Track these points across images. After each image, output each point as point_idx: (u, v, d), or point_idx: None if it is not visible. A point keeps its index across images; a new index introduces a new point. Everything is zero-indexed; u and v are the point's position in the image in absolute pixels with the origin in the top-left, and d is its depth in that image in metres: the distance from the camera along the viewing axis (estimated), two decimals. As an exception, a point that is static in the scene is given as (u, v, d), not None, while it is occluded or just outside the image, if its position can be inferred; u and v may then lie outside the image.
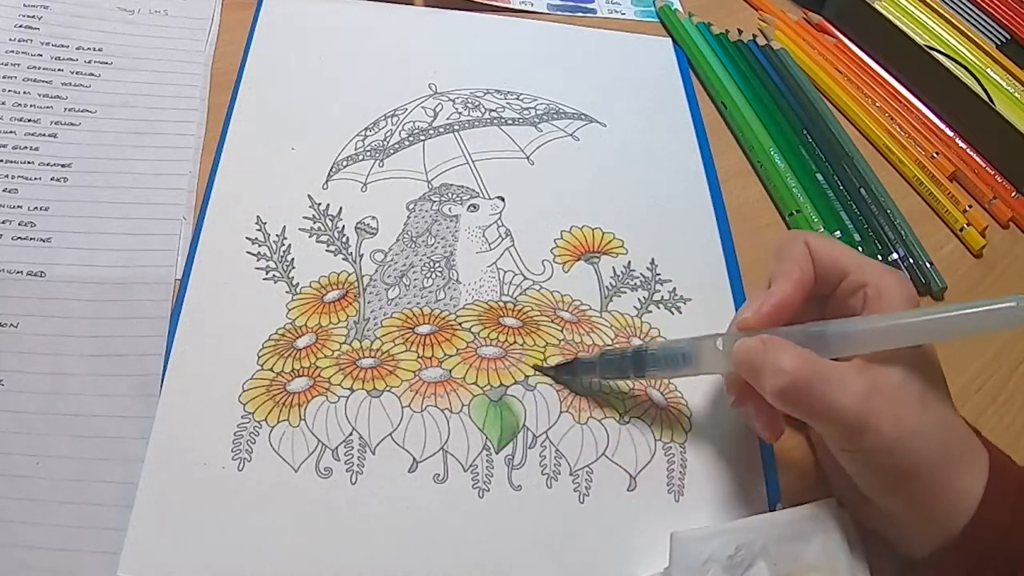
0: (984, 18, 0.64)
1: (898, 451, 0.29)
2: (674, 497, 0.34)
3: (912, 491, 0.30)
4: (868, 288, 0.32)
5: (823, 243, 0.33)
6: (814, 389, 0.29)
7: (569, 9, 0.58)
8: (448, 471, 0.33)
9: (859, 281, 0.32)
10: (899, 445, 0.29)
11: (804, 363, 0.29)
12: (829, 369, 0.30)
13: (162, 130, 0.43)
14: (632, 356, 0.35)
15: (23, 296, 0.35)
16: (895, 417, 0.29)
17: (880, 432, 0.29)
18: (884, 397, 0.29)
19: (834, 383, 0.29)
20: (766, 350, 0.30)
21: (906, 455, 0.29)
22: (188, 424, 0.33)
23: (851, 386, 0.29)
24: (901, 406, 0.29)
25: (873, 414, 0.29)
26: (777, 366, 0.29)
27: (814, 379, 0.29)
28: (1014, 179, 0.52)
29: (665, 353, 0.34)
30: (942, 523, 0.30)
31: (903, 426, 0.29)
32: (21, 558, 0.29)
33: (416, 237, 0.41)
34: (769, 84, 0.54)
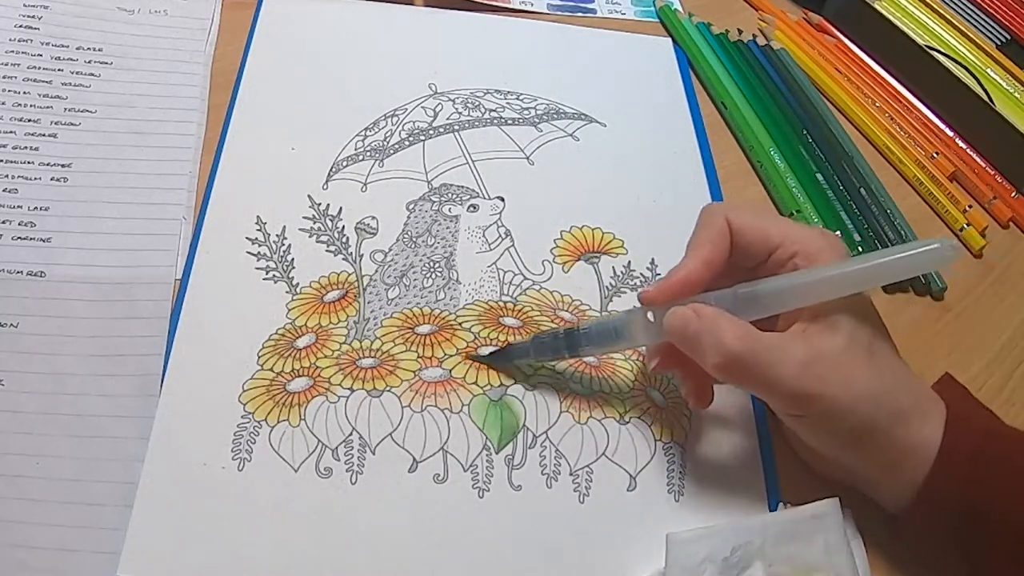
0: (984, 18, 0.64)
1: (846, 414, 0.29)
2: (674, 497, 0.34)
3: (868, 450, 0.31)
4: (798, 257, 0.32)
5: (746, 216, 0.33)
6: (756, 363, 0.29)
7: (569, 9, 0.58)
8: (448, 471, 0.33)
9: (789, 251, 0.32)
10: (846, 408, 0.29)
11: (744, 337, 0.30)
12: (769, 342, 0.30)
13: (162, 130, 0.43)
14: (564, 336, 0.34)
15: (23, 296, 0.35)
16: (844, 382, 0.29)
17: (826, 398, 0.29)
18: (829, 363, 0.29)
19: (775, 353, 0.29)
20: (702, 322, 0.30)
21: (856, 416, 0.30)
22: (188, 424, 0.33)
23: (792, 356, 0.29)
24: (849, 370, 0.30)
25: (817, 381, 0.29)
26: (718, 341, 0.29)
27: (755, 353, 0.29)
28: (1014, 179, 0.52)
29: (597, 329, 0.34)
30: (906, 475, 0.31)
31: (851, 389, 0.29)
32: (21, 558, 0.29)
33: (416, 237, 0.41)
34: (769, 84, 0.54)
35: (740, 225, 0.33)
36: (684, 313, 0.31)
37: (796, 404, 0.30)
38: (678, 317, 0.31)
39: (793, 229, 0.33)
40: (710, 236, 0.33)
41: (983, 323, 0.44)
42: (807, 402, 0.30)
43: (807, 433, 0.32)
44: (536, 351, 0.36)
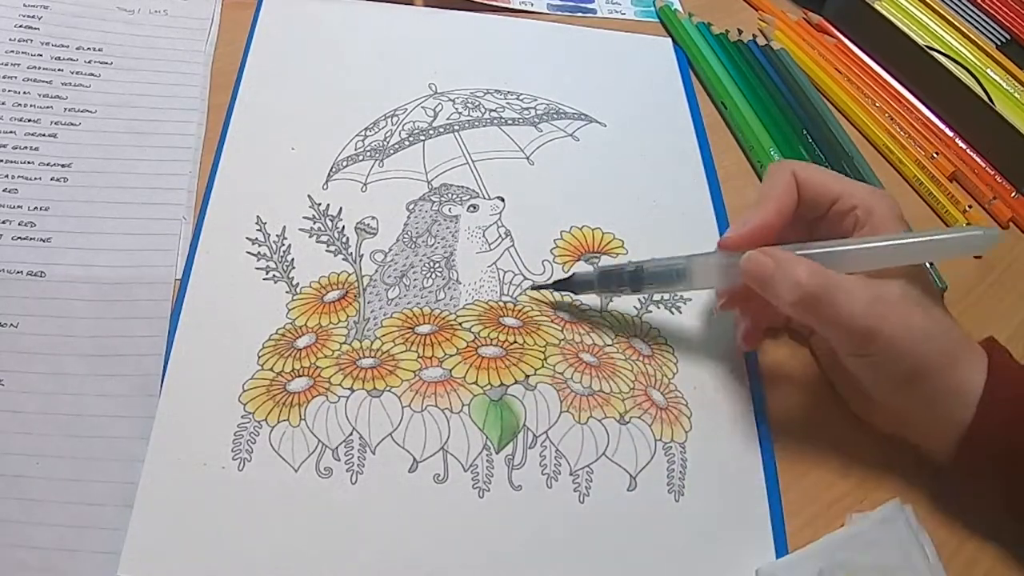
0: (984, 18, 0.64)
1: (905, 353, 0.32)
2: (674, 497, 0.34)
3: (920, 390, 0.33)
4: (858, 210, 0.35)
5: (811, 170, 0.36)
6: (827, 299, 0.32)
7: (569, 9, 0.58)
8: (448, 471, 0.33)
9: (849, 204, 0.35)
10: (905, 348, 0.32)
11: (817, 275, 0.32)
12: (840, 280, 0.32)
13: (162, 130, 0.43)
14: (630, 272, 0.37)
15: (23, 296, 0.35)
16: (902, 322, 0.32)
17: (887, 337, 0.32)
18: (889, 305, 0.32)
19: (845, 292, 0.32)
20: (777, 263, 0.33)
21: (912, 357, 0.32)
22: (188, 424, 0.33)
23: (860, 295, 0.32)
24: (905, 312, 0.32)
25: (880, 320, 0.32)
26: (793, 278, 0.32)
27: (827, 289, 0.32)
28: (1014, 179, 0.52)
29: (662, 269, 0.36)
30: (952, 419, 0.33)
31: (909, 329, 0.32)
32: (21, 558, 0.29)
33: (416, 237, 0.41)
34: (769, 84, 0.54)
35: (805, 178, 0.36)
36: (759, 256, 0.33)
37: (861, 340, 0.32)
38: (754, 260, 0.33)
39: (852, 184, 0.36)
40: (780, 187, 0.35)
41: (983, 323, 0.44)
42: (871, 338, 0.32)
43: (866, 373, 0.34)
44: (600, 283, 0.38)
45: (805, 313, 0.33)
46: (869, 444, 0.38)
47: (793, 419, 0.38)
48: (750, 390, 0.38)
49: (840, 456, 0.37)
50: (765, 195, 0.35)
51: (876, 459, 0.37)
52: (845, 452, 0.37)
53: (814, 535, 0.34)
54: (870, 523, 0.33)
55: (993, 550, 0.35)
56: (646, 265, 0.37)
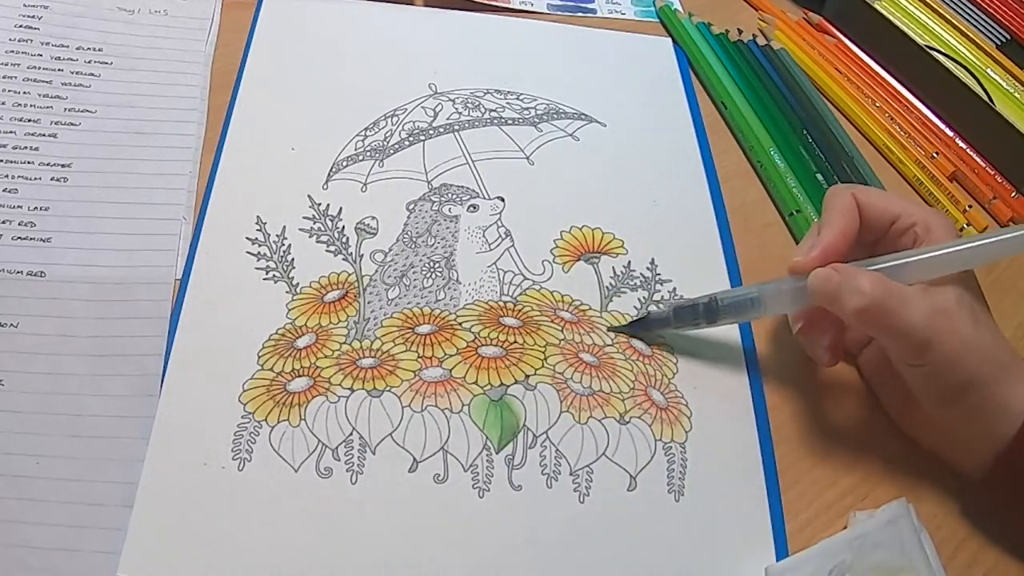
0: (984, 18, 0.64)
1: (958, 364, 0.33)
2: (674, 497, 0.34)
3: (970, 402, 0.33)
4: (917, 227, 0.36)
5: (870, 193, 0.37)
6: (890, 308, 0.33)
7: (569, 9, 0.58)
8: (448, 471, 0.33)
9: (908, 223, 0.36)
10: (959, 358, 0.33)
11: (880, 284, 0.33)
12: (902, 290, 0.33)
13: (162, 130, 0.43)
14: (704, 307, 0.38)
15: (23, 296, 0.35)
16: (956, 333, 0.33)
17: (943, 347, 0.32)
18: (946, 316, 0.33)
19: (906, 302, 0.33)
20: (842, 276, 0.34)
21: (965, 368, 0.33)
22: (188, 424, 0.33)
23: (919, 305, 0.33)
24: (960, 324, 0.33)
25: (938, 330, 0.32)
26: (856, 288, 0.33)
27: (889, 299, 0.33)
28: (1014, 179, 0.52)
29: (736, 300, 0.37)
30: (996, 431, 0.33)
31: (963, 341, 0.33)
32: (21, 558, 0.29)
33: (416, 237, 0.41)
34: (769, 84, 0.54)
35: (866, 201, 0.36)
36: (825, 271, 0.34)
37: (919, 350, 0.33)
38: (821, 275, 0.34)
39: (910, 204, 0.37)
40: (842, 210, 0.36)
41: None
42: (928, 348, 0.33)
43: (920, 383, 0.34)
44: (677, 319, 0.38)
45: (868, 323, 0.33)
46: (869, 444, 0.38)
47: (793, 419, 0.38)
48: (750, 390, 0.38)
49: (840, 456, 0.37)
50: (828, 219, 0.36)
51: (876, 459, 0.37)
52: (845, 452, 0.37)
53: (814, 535, 0.34)
54: (877, 523, 0.33)
55: (994, 550, 0.35)
56: (720, 297, 0.37)
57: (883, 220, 0.36)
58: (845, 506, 0.36)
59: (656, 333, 0.39)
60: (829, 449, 0.37)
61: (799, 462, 0.37)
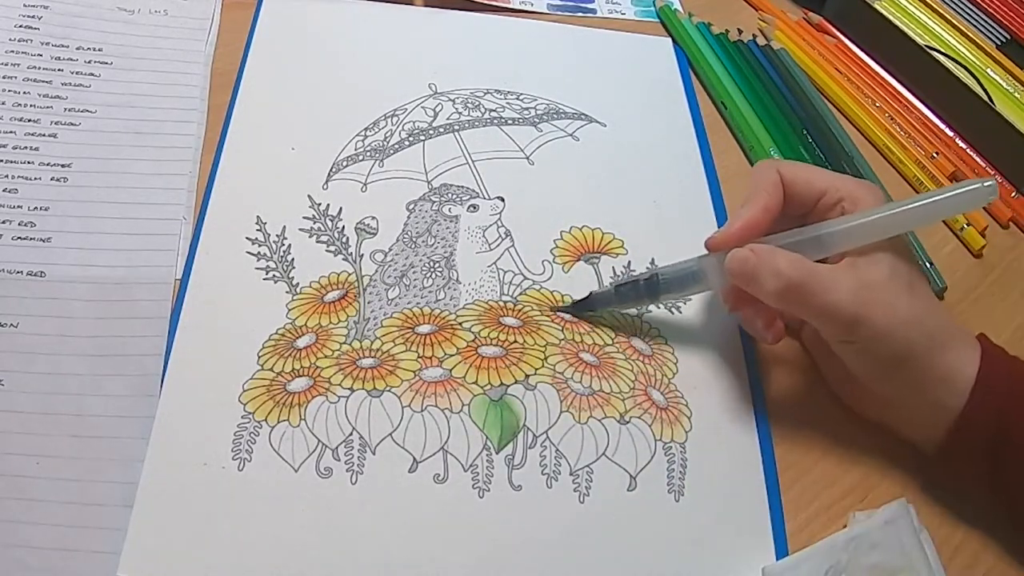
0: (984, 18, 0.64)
1: (892, 338, 0.32)
2: (674, 497, 0.34)
3: (908, 375, 0.33)
4: (844, 201, 0.35)
5: (795, 168, 0.36)
6: (811, 287, 0.32)
7: (569, 9, 0.58)
8: (448, 471, 0.33)
9: (835, 197, 0.35)
10: (892, 332, 0.32)
11: (798, 264, 0.33)
12: (821, 269, 0.33)
13: (162, 130, 0.43)
14: (645, 283, 0.37)
15: (23, 296, 0.35)
16: (887, 307, 0.32)
17: (873, 322, 0.32)
18: (874, 290, 0.32)
19: (827, 281, 0.32)
20: (759, 257, 0.33)
21: (899, 341, 0.32)
22: (188, 424, 0.33)
23: (843, 283, 0.32)
24: (891, 297, 0.32)
25: (865, 306, 0.32)
26: (774, 270, 0.33)
27: (809, 278, 0.32)
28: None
29: (676, 275, 0.37)
30: (940, 403, 0.33)
31: (895, 315, 0.32)
32: (21, 558, 0.29)
33: (416, 237, 0.41)
34: (769, 84, 0.54)
35: (791, 175, 0.36)
36: (742, 252, 0.34)
37: (847, 327, 0.32)
38: (737, 258, 0.34)
39: (837, 178, 0.36)
40: (765, 186, 0.36)
41: (983, 323, 0.44)
42: (857, 325, 0.32)
43: (854, 359, 0.34)
44: (619, 299, 0.38)
45: (789, 304, 0.33)
46: (869, 443, 0.38)
47: (793, 419, 0.38)
48: (750, 390, 0.38)
49: (840, 455, 0.37)
50: (751, 194, 0.36)
51: (876, 458, 0.37)
52: (845, 451, 0.37)
53: (814, 534, 0.34)
54: (875, 524, 0.33)
55: (993, 550, 0.35)
56: (661, 272, 0.37)
57: (809, 195, 0.36)
58: (845, 506, 0.36)
59: (601, 312, 0.39)
60: (829, 449, 0.37)
61: (799, 462, 0.37)
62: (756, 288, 0.33)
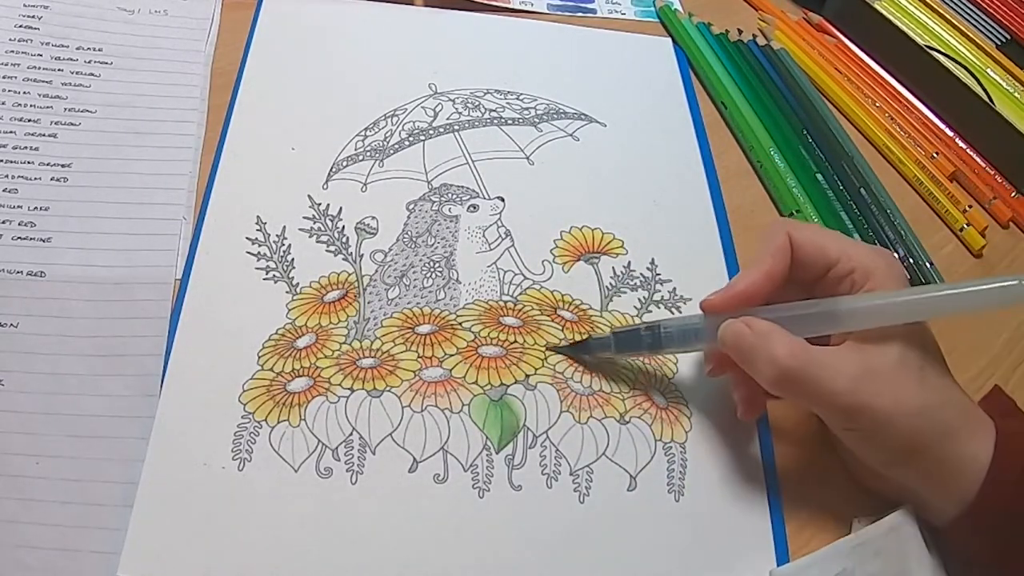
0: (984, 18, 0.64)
1: (898, 429, 0.30)
2: (674, 497, 0.34)
3: (918, 465, 0.31)
4: (855, 273, 0.33)
5: (807, 232, 0.34)
6: (808, 376, 0.30)
7: (569, 9, 0.58)
8: (448, 471, 0.33)
9: (847, 267, 0.33)
10: (898, 423, 0.30)
11: (796, 352, 0.30)
12: (821, 355, 0.31)
13: (162, 130, 0.43)
14: (648, 335, 0.35)
15: (23, 296, 0.35)
16: (891, 396, 0.30)
17: (875, 411, 0.30)
18: (880, 377, 0.30)
19: (827, 368, 0.30)
20: (756, 337, 0.31)
21: (907, 432, 0.30)
22: (188, 424, 0.33)
23: (844, 370, 0.30)
24: (899, 385, 0.30)
25: (867, 395, 0.30)
26: (770, 355, 0.30)
27: (808, 367, 0.30)
28: (1014, 179, 0.52)
29: (680, 330, 0.35)
30: (955, 492, 0.31)
31: (899, 404, 0.30)
32: (21, 558, 0.29)
33: (416, 237, 0.41)
34: (769, 84, 0.54)
35: (800, 240, 0.34)
36: (738, 327, 0.32)
37: (847, 417, 0.31)
38: (732, 331, 0.32)
39: (851, 246, 0.34)
40: (771, 250, 0.34)
41: (983, 323, 0.44)
42: (857, 415, 0.30)
43: (860, 446, 0.33)
44: (618, 346, 0.36)
45: (785, 392, 0.31)
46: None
47: (793, 419, 0.38)
48: (750, 390, 0.38)
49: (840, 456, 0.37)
50: (756, 258, 0.34)
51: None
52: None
53: (814, 535, 0.34)
54: (878, 531, 0.32)
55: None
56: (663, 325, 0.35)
57: (820, 262, 0.34)
58: (845, 506, 0.35)
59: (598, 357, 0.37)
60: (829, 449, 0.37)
61: (799, 462, 0.37)
62: (750, 368, 0.32)
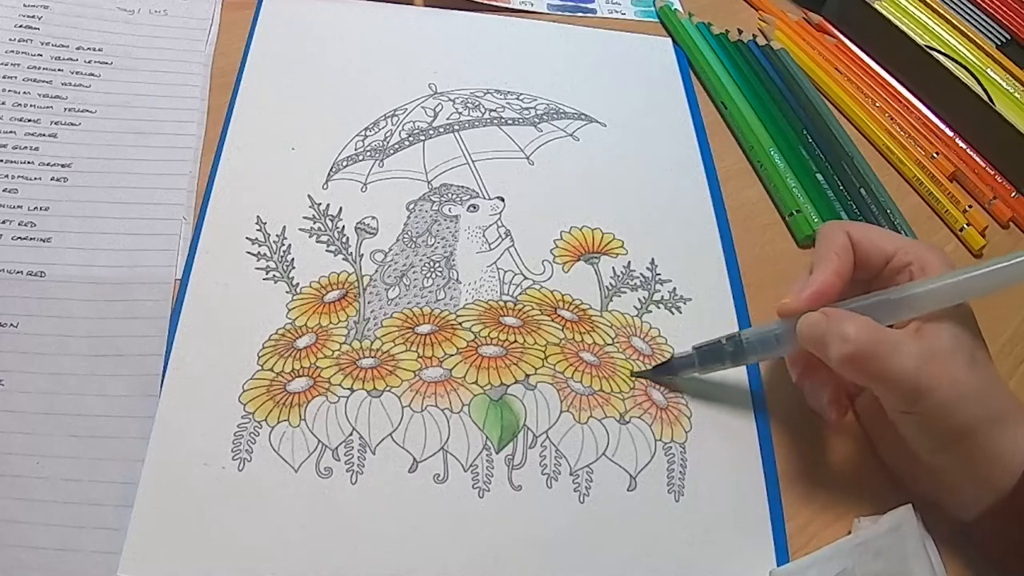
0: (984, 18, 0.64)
1: (952, 411, 0.31)
2: (674, 497, 0.34)
3: (964, 450, 0.32)
4: (913, 265, 0.34)
5: (863, 230, 0.36)
6: (877, 354, 0.31)
7: (569, 9, 0.58)
8: (448, 471, 0.33)
9: (904, 260, 0.34)
10: (953, 406, 0.31)
11: (866, 330, 0.32)
12: (889, 335, 0.32)
13: (162, 130, 0.43)
14: (729, 346, 0.36)
15: (23, 296, 0.35)
16: (951, 379, 0.31)
17: (936, 394, 0.31)
18: (938, 360, 0.31)
19: (894, 349, 0.31)
20: (829, 321, 0.32)
21: (959, 415, 0.31)
22: (188, 424, 0.33)
23: (909, 351, 0.31)
24: (954, 369, 0.31)
25: (930, 377, 0.31)
26: (842, 334, 0.32)
27: (876, 345, 0.31)
28: (1014, 179, 0.52)
29: (761, 338, 0.35)
30: (992, 481, 0.32)
31: (957, 388, 0.31)
32: (21, 558, 0.29)
33: (416, 237, 0.41)
34: (769, 84, 0.54)
35: (858, 237, 0.35)
36: (813, 316, 0.33)
37: (910, 398, 0.32)
38: (809, 322, 0.33)
39: (905, 241, 0.35)
40: (836, 249, 0.35)
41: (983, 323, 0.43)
42: (920, 396, 0.31)
43: (913, 430, 0.33)
44: (701, 361, 0.37)
45: (855, 370, 0.32)
46: (869, 444, 0.38)
47: (793, 419, 0.38)
48: (750, 390, 0.38)
49: (840, 455, 0.37)
50: (822, 257, 0.35)
51: (876, 459, 0.37)
52: (845, 452, 0.37)
53: (814, 534, 0.34)
54: (879, 530, 0.32)
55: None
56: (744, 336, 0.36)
57: (878, 258, 0.35)
58: (845, 506, 0.36)
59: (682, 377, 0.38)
60: (829, 449, 0.37)
61: (799, 462, 0.37)
62: (823, 352, 0.32)
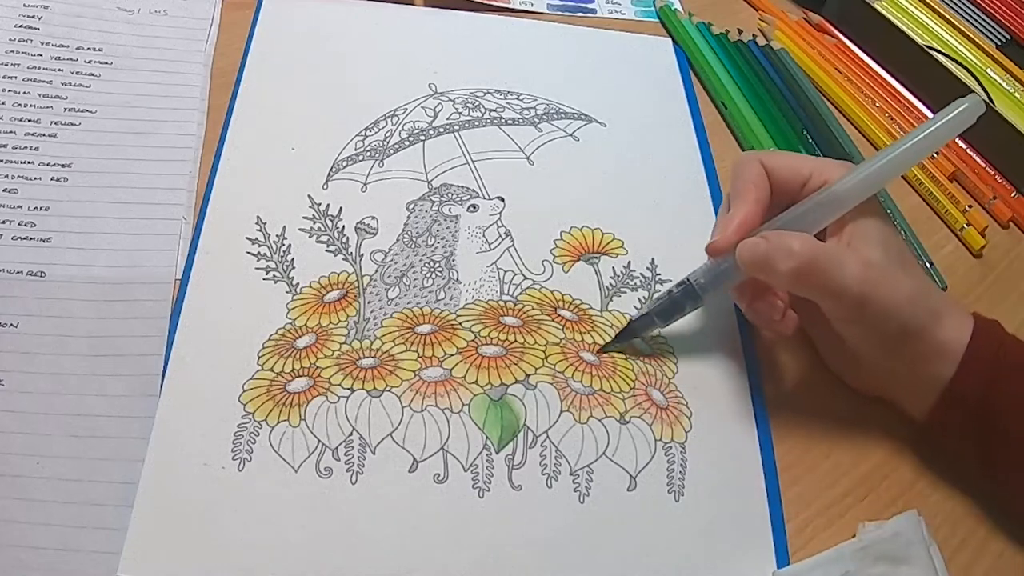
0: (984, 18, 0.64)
1: (894, 315, 0.33)
2: (674, 497, 0.34)
3: (907, 349, 0.34)
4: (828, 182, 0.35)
5: (777, 156, 0.37)
6: (822, 266, 0.32)
7: (569, 9, 0.58)
8: (448, 471, 0.33)
9: (820, 179, 0.35)
10: (897, 309, 0.33)
11: (809, 243, 0.33)
12: (830, 249, 0.33)
13: (162, 130, 0.43)
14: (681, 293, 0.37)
15: (23, 296, 0.35)
16: (890, 285, 0.33)
17: (880, 300, 0.33)
18: (876, 269, 0.33)
19: (836, 261, 0.33)
20: (770, 242, 0.33)
21: (901, 318, 0.33)
22: (188, 424, 0.33)
23: (850, 264, 0.33)
24: (891, 274, 0.33)
25: (871, 284, 0.32)
26: (787, 249, 0.33)
27: (820, 257, 0.33)
28: (1014, 179, 0.52)
29: (711, 276, 0.36)
30: (935, 376, 0.34)
31: (898, 292, 0.33)
32: (21, 558, 0.29)
33: (416, 237, 0.41)
34: (769, 84, 0.54)
35: (774, 164, 0.36)
36: (752, 240, 0.34)
37: (857, 307, 0.33)
38: (748, 247, 0.34)
39: (821, 161, 0.36)
40: (752, 179, 0.36)
41: (983, 323, 0.44)
42: (866, 304, 0.33)
43: (858, 338, 0.35)
44: (660, 317, 0.37)
45: (803, 284, 0.33)
46: (869, 444, 0.38)
47: (793, 419, 0.38)
48: (750, 390, 0.38)
49: (841, 455, 0.37)
50: (739, 191, 0.36)
51: (876, 459, 0.37)
52: (846, 451, 0.37)
53: (814, 535, 0.34)
54: (882, 535, 0.32)
55: (994, 550, 0.35)
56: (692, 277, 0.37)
57: (794, 182, 0.36)
58: (845, 506, 0.36)
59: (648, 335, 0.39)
60: (829, 449, 0.37)
61: (799, 462, 0.37)
62: (769, 272, 0.33)
